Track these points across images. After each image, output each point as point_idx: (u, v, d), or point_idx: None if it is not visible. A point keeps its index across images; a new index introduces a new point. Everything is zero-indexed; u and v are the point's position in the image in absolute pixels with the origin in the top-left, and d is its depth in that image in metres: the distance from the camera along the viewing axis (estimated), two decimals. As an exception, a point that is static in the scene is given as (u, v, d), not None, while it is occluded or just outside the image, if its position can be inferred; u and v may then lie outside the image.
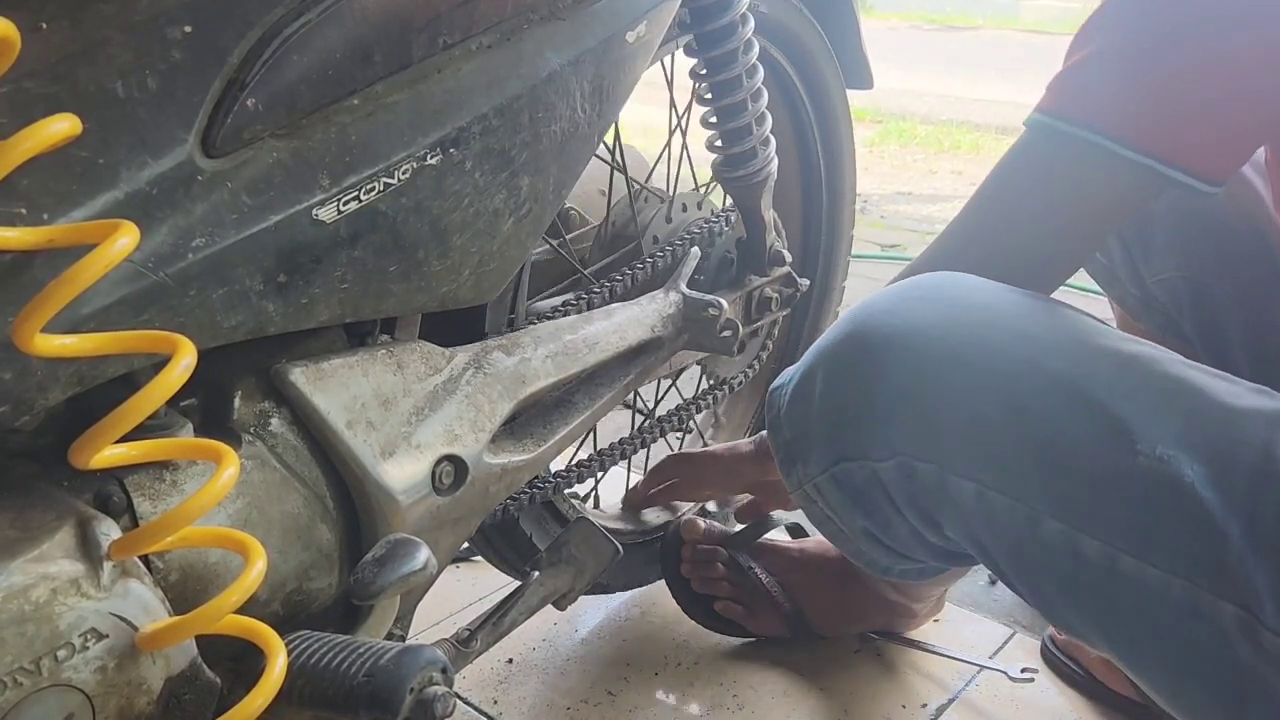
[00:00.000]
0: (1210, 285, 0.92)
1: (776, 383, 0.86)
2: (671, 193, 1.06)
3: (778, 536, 1.18)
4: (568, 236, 1.01)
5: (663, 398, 1.20)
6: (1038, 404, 0.69)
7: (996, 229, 0.85)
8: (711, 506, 1.27)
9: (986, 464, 0.71)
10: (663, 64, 1.01)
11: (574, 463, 1.02)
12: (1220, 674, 0.64)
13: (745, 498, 1.18)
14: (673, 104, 1.07)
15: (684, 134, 1.08)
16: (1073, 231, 0.82)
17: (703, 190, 1.11)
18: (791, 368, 0.85)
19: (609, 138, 0.96)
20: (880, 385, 0.76)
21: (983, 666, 1.11)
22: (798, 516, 1.08)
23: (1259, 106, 0.72)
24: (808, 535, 1.18)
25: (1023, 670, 1.09)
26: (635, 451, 1.06)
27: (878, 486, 0.78)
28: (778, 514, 1.15)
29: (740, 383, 1.16)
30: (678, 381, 1.17)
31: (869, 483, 0.78)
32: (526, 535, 0.99)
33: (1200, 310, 0.94)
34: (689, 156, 1.11)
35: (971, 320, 0.74)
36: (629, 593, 1.21)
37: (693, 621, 1.15)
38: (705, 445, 1.32)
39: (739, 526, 1.16)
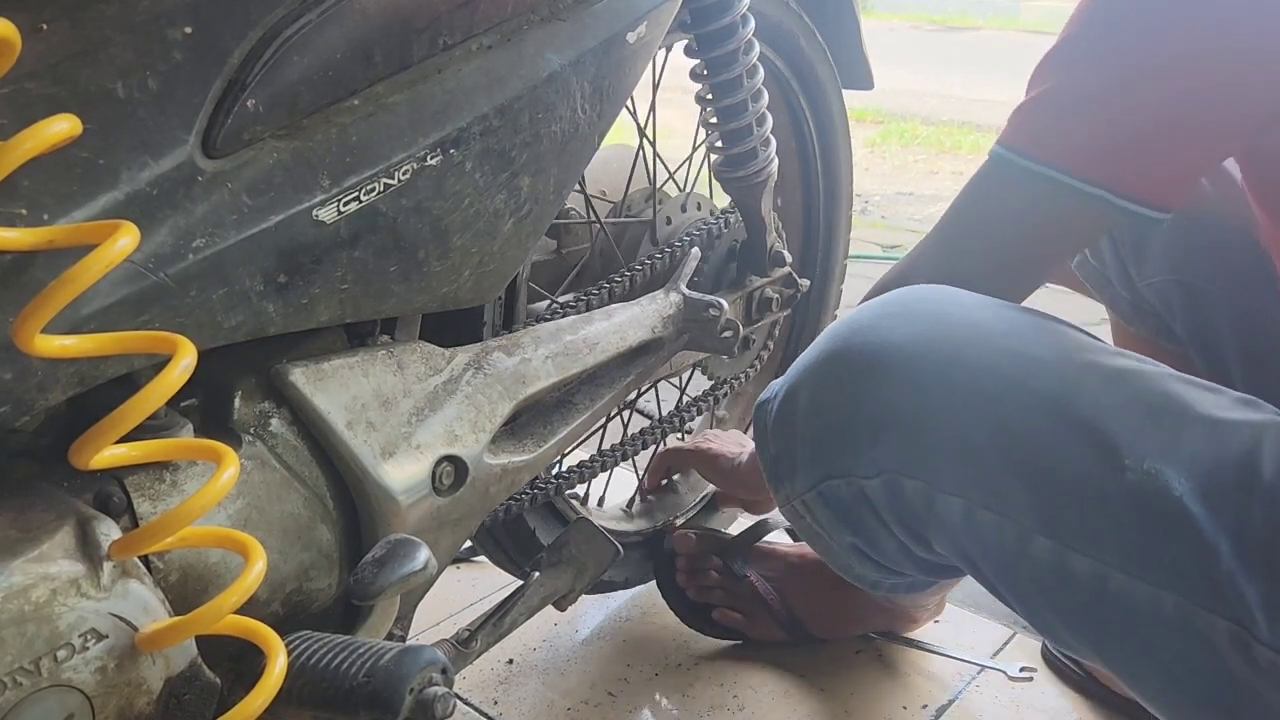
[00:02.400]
0: (1202, 288, 0.93)
1: (762, 397, 0.86)
2: (689, 189, 1.08)
3: (777, 539, 1.18)
4: (590, 193, 1.02)
5: (644, 392, 1.20)
6: (1024, 422, 0.69)
7: (955, 256, 0.87)
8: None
9: (974, 482, 0.71)
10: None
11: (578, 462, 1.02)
12: (1213, 688, 0.64)
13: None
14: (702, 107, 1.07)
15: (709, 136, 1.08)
16: (1026, 262, 0.84)
17: (725, 210, 1.12)
18: (777, 382, 0.85)
19: (641, 116, 0.98)
20: (864, 404, 0.76)
21: (983, 666, 1.11)
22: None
23: (1206, 139, 0.74)
24: None
25: (1021, 669, 1.09)
26: (636, 453, 1.06)
27: (865, 503, 0.78)
28: (775, 517, 1.15)
29: (740, 382, 1.16)
30: (673, 380, 1.17)
31: (856, 499, 0.78)
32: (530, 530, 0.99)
33: (1192, 313, 0.94)
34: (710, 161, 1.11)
35: (955, 337, 0.74)
36: (629, 593, 1.21)
37: (692, 625, 1.15)
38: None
39: (737, 532, 1.16)
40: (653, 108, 1.02)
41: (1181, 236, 0.93)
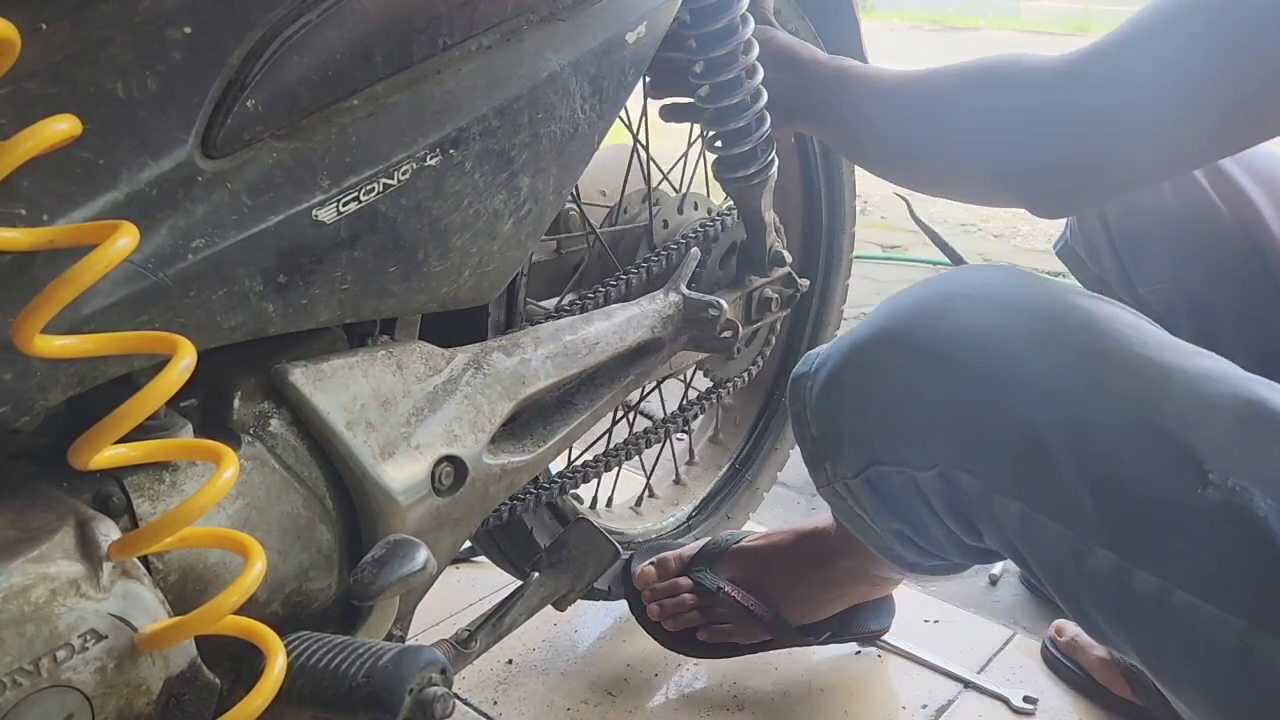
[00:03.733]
0: (1206, 296, 0.89)
1: (799, 370, 0.81)
2: (684, 189, 1.08)
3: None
4: (585, 204, 1.01)
5: (648, 394, 1.20)
6: (1100, 429, 0.65)
7: (1154, 72, 0.66)
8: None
9: (1037, 486, 0.67)
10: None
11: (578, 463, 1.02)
12: (1271, 715, 0.61)
13: None
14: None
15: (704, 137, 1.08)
16: (1250, 86, 0.63)
17: (723, 206, 1.11)
18: (816, 355, 0.80)
19: (634, 115, 0.97)
20: (927, 393, 0.71)
21: (981, 688, 1.09)
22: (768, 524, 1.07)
23: None
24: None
25: (1025, 699, 1.06)
26: (637, 453, 1.06)
27: (914, 491, 0.74)
28: (725, 535, 1.12)
29: (742, 381, 1.16)
30: (673, 380, 1.16)
31: (905, 488, 0.74)
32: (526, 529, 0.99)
33: (1197, 322, 0.90)
34: (706, 159, 1.11)
35: (1030, 330, 0.69)
36: (629, 593, 1.21)
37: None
38: (692, 456, 1.31)
39: (697, 544, 1.11)
40: (644, 113, 1.02)
41: (1182, 242, 0.89)
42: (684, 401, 1.12)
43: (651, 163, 1.04)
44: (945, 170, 0.84)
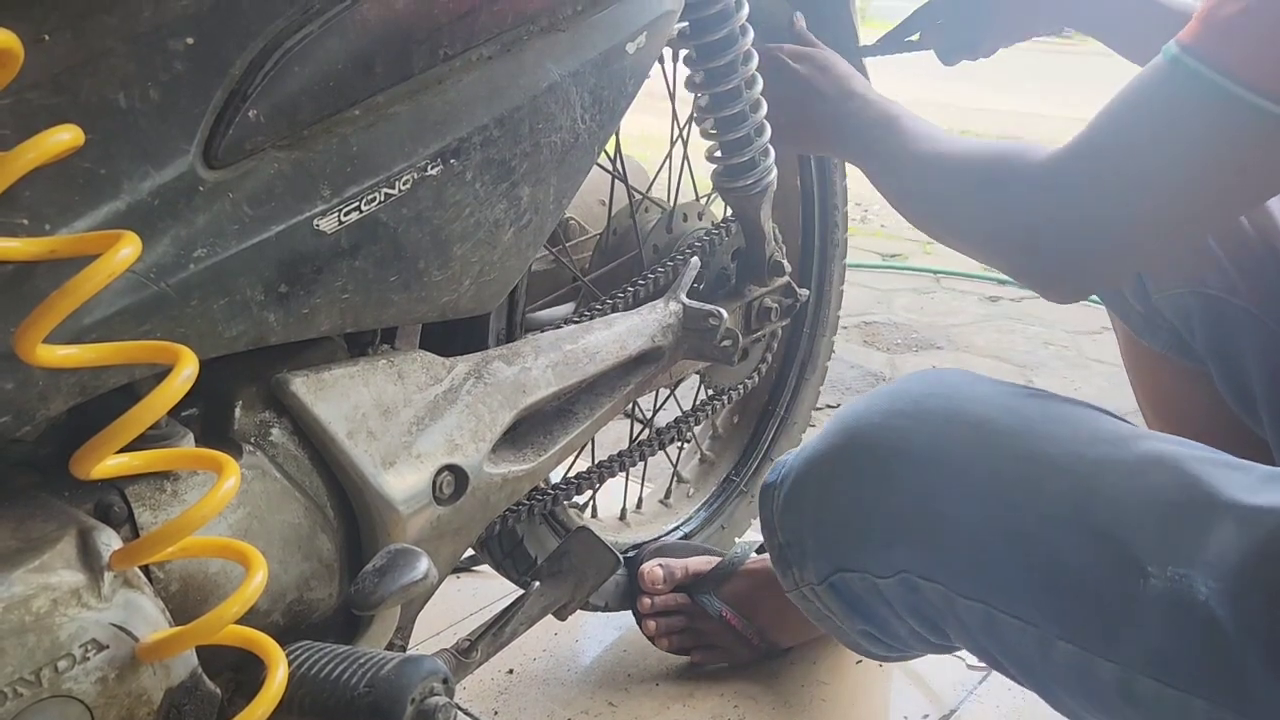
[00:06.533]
0: (1224, 301, 0.89)
1: (768, 480, 0.86)
2: (672, 203, 1.07)
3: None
4: (568, 244, 1.01)
5: (662, 406, 1.20)
6: (1041, 531, 0.68)
7: (1121, 176, 0.74)
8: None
9: (993, 589, 0.70)
10: (664, 73, 1.01)
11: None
12: None
13: None
14: (674, 114, 1.07)
15: (685, 144, 1.08)
16: (1208, 188, 0.71)
17: (704, 200, 1.11)
18: (783, 463, 0.85)
19: (610, 147, 0.96)
20: (878, 507, 0.76)
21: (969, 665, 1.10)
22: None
23: None
24: None
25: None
26: (634, 463, 1.06)
27: (878, 596, 0.78)
28: (741, 551, 1.13)
29: (741, 391, 1.16)
30: (677, 388, 1.16)
31: (869, 592, 0.78)
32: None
33: (1213, 327, 0.90)
34: (690, 167, 1.11)
35: (967, 440, 0.73)
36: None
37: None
38: (704, 455, 1.32)
39: (706, 562, 1.12)
40: (617, 142, 1.00)
41: (1200, 246, 0.89)
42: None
43: (635, 191, 1.02)
44: (952, 239, 0.92)
